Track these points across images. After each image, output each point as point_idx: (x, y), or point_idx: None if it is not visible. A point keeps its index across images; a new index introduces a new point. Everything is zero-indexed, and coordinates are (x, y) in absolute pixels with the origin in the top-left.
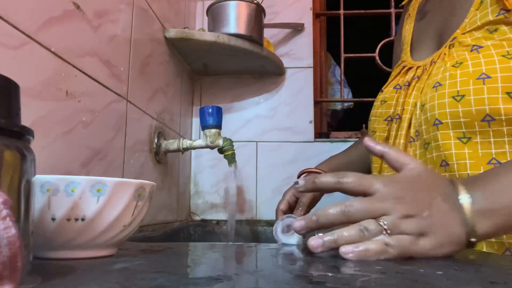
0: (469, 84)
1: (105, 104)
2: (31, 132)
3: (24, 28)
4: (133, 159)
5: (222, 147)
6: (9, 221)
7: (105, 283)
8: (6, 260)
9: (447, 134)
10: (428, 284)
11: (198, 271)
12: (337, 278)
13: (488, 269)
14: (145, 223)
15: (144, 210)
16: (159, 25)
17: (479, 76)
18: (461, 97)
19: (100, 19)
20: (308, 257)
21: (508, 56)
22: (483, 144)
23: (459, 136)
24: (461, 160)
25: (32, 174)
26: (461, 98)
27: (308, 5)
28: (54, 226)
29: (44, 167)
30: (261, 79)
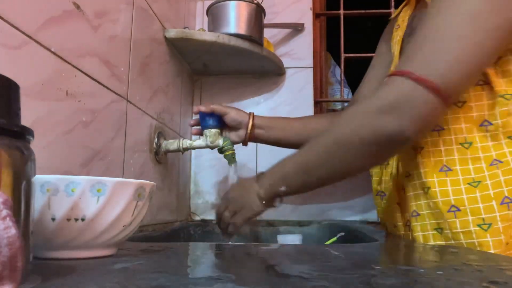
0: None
1: (105, 104)
2: (31, 132)
3: (24, 28)
4: (133, 159)
5: (222, 147)
6: (9, 221)
7: (105, 283)
8: (6, 260)
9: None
10: (428, 284)
11: (198, 271)
12: (337, 278)
13: (488, 269)
14: (145, 223)
15: (144, 210)
16: (159, 25)
17: None
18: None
19: (100, 19)
20: (308, 257)
21: (507, 97)
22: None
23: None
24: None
25: (32, 174)
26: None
27: (308, 5)
28: (54, 226)
29: (44, 167)
30: (261, 79)
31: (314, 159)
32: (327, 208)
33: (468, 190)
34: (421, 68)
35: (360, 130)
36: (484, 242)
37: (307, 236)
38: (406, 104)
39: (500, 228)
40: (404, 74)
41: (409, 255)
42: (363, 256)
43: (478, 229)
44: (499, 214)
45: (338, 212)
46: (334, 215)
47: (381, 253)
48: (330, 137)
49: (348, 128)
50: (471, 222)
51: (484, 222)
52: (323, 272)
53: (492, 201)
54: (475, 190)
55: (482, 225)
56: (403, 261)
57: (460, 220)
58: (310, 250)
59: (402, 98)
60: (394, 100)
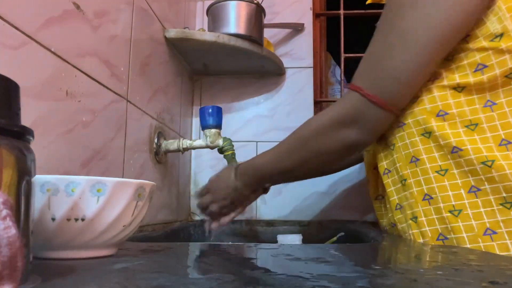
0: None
1: (105, 104)
2: (31, 132)
3: (24, 28)
4: (133, 159)
5: (222, 147)
6: (9, 221)
7: (105, 283)
8: (6, 260)
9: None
10: (428, 284)
11: (198, 271)
12: (337, 278)
13: (488, 269)
14: (145, 223)
15: (144, 210)
16: (159, 25)
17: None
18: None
19: (100, 19)
20: (308, 257)
21: (458, 90)
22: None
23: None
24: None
25: (32, 174)
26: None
27: (308, 5)
28: (54, 226)
29: (44, 167)
30: (261, 79)
31: (289, 164)
32: (327, 208)
33: (437, 179)
34: (370, 86)
35: (325, 143)
36: (456, 227)
37: (307, 236)
38: (362, 119)
39: (470, 214)
40: (356, 90)
41: (409, 255)
42: (363, 256)
43: (450, 215)
44: (468, 202)
45: (338, 212)
46: (334, 215)
47: (381, 253)
48: (301, 147)
49: (315, 141)
50: (443, 209)
51: (454, 209)
52: (323, 272)
53: (460, 189)
54: (443, 179)
55: (453, 211)
56: (403, 261)
57: (434, 207)
58: (310, 250)
59: (357, 113)
60: (352, 115)
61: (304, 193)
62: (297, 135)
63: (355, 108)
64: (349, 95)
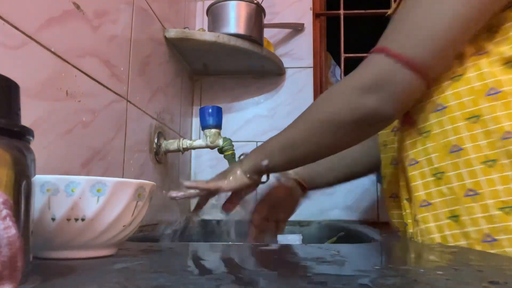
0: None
1: (105, 104)
2: (31, 132)
3: (24, 28)
4: (133, 159)
5: (222, 147)
6: (9, 221)
7: (105, 283)
8: (6, 260)
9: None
10: (428, 284)
11: (198, 271)
12: (337, 278)
13: (488, 269)
14: (145, 223)
15: (144, 210)
16: (159, 25)
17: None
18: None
19: (100, 19)
20: (308, 257)
21: (509, 65)
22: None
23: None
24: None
25: (32, 174)
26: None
27: (308, 5)
28: (54, 226)
29: (44, 167)
30: (261, 79)
31: (297, 136)
32: (327, 208)
33: (484, 171)
34: (398, 46)
35: (340, 109)
36: (508, 227)
37: (307, 236)
38: (386, 82)
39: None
40: (382, 51)
41: (409, 255)
42: (363, 256)
43: (500, 212)
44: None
45: (338, 212)
46: (334, 215)
47: (381, 253)
48: (312, 115)
49: (329, 107)
50: (491, 206)
51: (506, 206)
52: (323, 272)
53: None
54: (490, 171)
55: (504, 209)
56: (403, 261)
57: (479, 204)
58: (310, 250)
59: (382, 76)
60: (374, 78)
61: None
62: (310, 105)
63: (379, 70)
64: (372, 58)
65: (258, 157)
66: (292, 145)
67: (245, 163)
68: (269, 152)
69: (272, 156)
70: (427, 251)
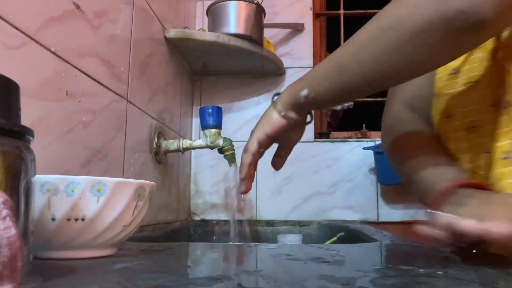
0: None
1: (105, 104)
2: (31, 132)
3: (24, 28)
4: (133, 159)
5: (222, 147)
6: (9, 221)
7: (105, 283)
8: (6, 260)
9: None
10: (428, 284)
11: (198, 271)
12: (337, 278)
13: (488, 269)
14: (145, 223)
15: (144, 210)
16: (159, 25)
17: None
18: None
19: (100, 19)
20: (308, 257)
21: None
22: None
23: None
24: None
25: (32, 174)
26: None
27: (308, 5)
28: (54, 226)
29: (44, 167)
30: (261, 79)
31: (350, 54)
32: (327, 208)
33: None
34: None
35: (416, 9)
36: None
37: (307, 236)
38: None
39: None
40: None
41: (409, 255)
42: (363, 256)
43: None
44: None
45: (338, 212)
46: (334, 215)
47: (381, 253)
48: (376, 23)
49: (399, 8)
50: None
51: None
52: (323, 272)
53: None
54: None
55: None
56: (403, 261)
57: None
58: (310, 250)
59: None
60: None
61: (304, 193)
62: (375, 16)
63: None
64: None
65: (295, 88)
66: (342, 67)
67: (279, 99)
68: (311, 79)
69: (314, 84)
70: (427, 251)
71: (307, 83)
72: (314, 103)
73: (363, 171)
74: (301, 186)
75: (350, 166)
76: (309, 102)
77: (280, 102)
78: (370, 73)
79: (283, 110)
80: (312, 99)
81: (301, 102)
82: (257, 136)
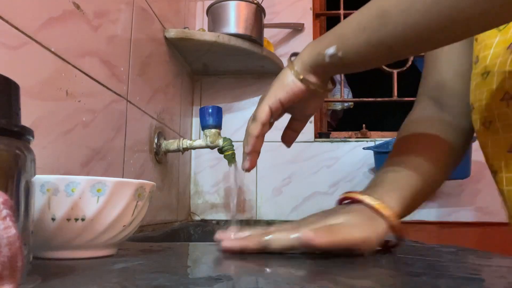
0: None
1: (105, 104)
2: (31, 132)
3: (24, 28)
4: (133, 159)
5: (222, 147)
6: (9, 221)
7: (105, 283)
8: (6, 260)
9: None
10: (428, 284)
11: (198, 271)
12: (337, 278)
13: (488, 270)
14: (145, 223)
15: (144, 210)
16: (159, 25)
17: None
18: None
19: (100, 19)
20: (308, 257)
21: None
22: None
23: None
24: None
25: (32, 174)
26: None
27: (308, 5)
28: (54, 226)
29: (44, 167)
30: (261, 79)
31: (388, 2)
32: (327, 208)
33: None
34: None
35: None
36: None
37: None
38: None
39: None
40: None
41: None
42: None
43: None
44: None
45: None
46: None
47: (381, 253)
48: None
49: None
50: None
51: None
52: (323, 272)
53: None
54: None
55: None
56: (403, 261)
57: None
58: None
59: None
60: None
61: (304, 193)
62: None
63: None
64: None
65: (319, 45)
66: (385, 17)
67: (297, 59)
68: (340, 34)
69: (344, 40)
70: (427, 250)
71: (335, 39)
72: (341, 64)
73: (363, 171)
74: (301, 186)
75: (350, 166)
76: (336, 63)
77: (299, 63)
78: (419, 26)
79: (302, 72)
80: (339, 59)
81: (325, 63)
82: (269, 102)
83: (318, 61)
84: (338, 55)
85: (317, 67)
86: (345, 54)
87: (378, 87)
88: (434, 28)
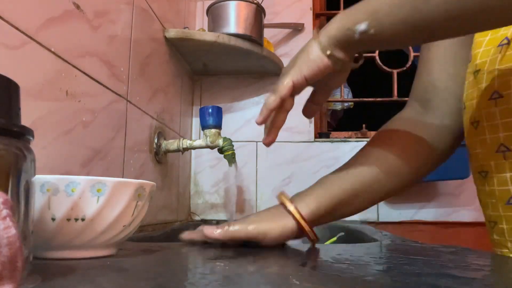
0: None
1: (105, 104)
2: (31, 132)
3: (24, 28)
4: (133, 159)
5: (222, 147)
6: (9, 221)
7: (105, 283)
8: (6, 260)
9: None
10: (429, 284)
11: (198, 271)
12: (337, 278)
13: (488, 269)
14: (145, 223)
15: (144, 210)
16: (159, 25)
17: None
18: None
19: (100, 19)
20: (308, 257)
21: None
22: None
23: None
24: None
25: (32, 174)
26: None
27: (308, 5)
28: (54, 226)
29: (44, 167)
30: (261, 79)
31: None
32: None
33: None
34: None
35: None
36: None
37: None
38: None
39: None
40: None
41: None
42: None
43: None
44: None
45: None
46: None
47: (381, 253)
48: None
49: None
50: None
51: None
52: (323, 272)
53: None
54: None
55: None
56: (404, 261)
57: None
58: (309, 250)
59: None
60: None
61: None
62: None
63: None
64: None
65: (349, 20)
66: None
67: (324, 33)
68: (373, 10)
69: (378, 17)
70: (427, 251)
71: (367, 15)
72: (372, 41)
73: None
74: (301, 186)
75: None
76: (366, 39)
77: (326, 37)
78: (465, 3)
79: (329, 47)
80: (371, 36)
81: (354, 40)
82: (293, 77)
83: (347, 36)
84: (370, 32)
85: (346, 42)
86: (378, 32)
87: (378, 87)
88: (483, 7)
